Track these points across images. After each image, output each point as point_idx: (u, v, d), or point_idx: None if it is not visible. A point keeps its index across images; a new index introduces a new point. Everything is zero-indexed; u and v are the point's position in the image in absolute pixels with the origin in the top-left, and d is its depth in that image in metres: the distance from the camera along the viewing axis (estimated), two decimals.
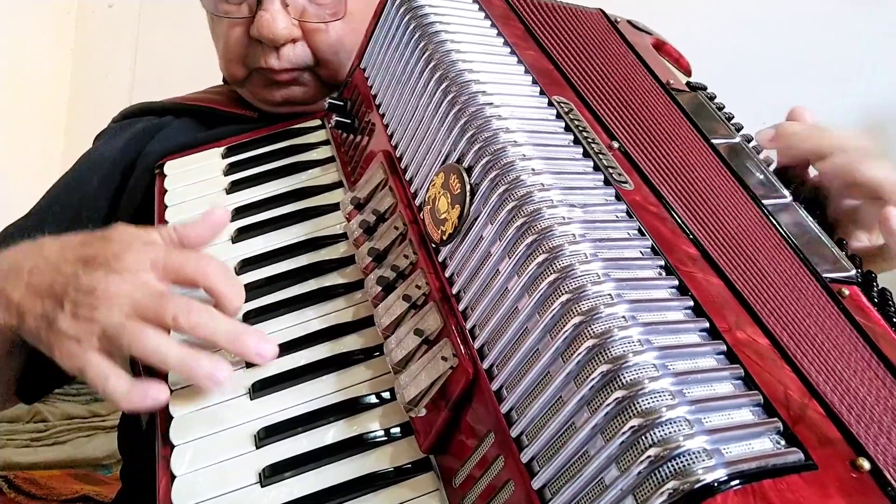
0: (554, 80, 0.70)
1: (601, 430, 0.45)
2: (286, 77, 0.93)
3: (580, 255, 0.52)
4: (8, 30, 2.37)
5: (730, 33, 1.56)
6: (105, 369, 0.64)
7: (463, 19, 0.74)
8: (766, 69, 1.51)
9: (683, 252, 0.56)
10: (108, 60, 2.53)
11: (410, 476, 0.60)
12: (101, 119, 1.10)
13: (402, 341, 0.62)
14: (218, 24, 0.95)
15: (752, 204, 0.66)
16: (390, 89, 0.76)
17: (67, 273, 0.67)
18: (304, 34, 0.91)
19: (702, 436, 0.42)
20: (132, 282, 0.66)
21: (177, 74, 2.04)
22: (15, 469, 1.47)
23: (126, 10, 2.53)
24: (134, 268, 0.66)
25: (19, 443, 1.53)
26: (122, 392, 0.64)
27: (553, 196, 0.56)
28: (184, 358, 0.65)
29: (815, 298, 0.59)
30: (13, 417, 1.58)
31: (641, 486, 0.42)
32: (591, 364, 0.47)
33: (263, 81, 0.95)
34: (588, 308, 0.48)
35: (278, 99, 0.96)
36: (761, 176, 0.72)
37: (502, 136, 0.60)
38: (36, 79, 2.50)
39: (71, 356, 0.65)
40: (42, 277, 0.68)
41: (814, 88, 1.48)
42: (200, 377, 0.65)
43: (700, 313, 0.51)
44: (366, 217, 0.71)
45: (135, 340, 0.64)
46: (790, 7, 1.53)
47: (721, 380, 0.47)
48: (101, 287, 0.65)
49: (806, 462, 0.43)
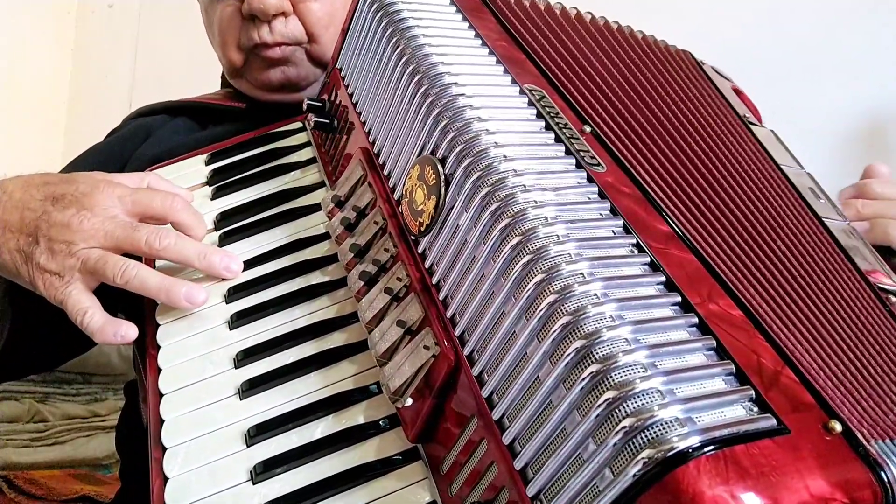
0: (526, 70, 0.70)
1: (577, 405, 0.46)
2: (279, 53, 0.96)
3: (553, 236, 0.52)
4: (8, 30, 2.39)
5: (730, 34, 1.57)
6: (84, 303, 0.69)
7: (434, 14, 0.74)
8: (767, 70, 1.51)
9: (656, 230, 0.57)
10: (108, 60, 2.54)
11: (399, 466, 0.60)
12: (101, 119, 1.11)
13: (385, 333, 0.63)
14: (212, 11, 0.99)
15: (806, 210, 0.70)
16: (366, 87, 0.76)
17: (37, 210, 0.71)
18: (295, 8, 0.94)
19: (675, 405, 0.43)
20: (103, 216, 0.70)
21: (177, 74, 2.05)
22: (15, 469, 1.48)
23: (126, 10, 2.55)
24: (104, 203, 0.71)
25: (19, 443, 1.54)
26: (97, 325, 0.69)
27: (526, 181, 0.56)
28: (162, 282, 0.71)
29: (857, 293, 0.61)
30: (13, 417, 1.58)
31: (617, 457, 0.43)
32: (565, 341, 0.47)
33: (259, 63, 0.97)
34: (561, 287, 0.49)
35: (275, 81, 0.98)
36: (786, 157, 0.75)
37: (475, 126, 0.61)
38: (36, 79, 2.52)
39: (53, 289, 0.69)
40: (10, 214, 0.72)
41: (816, 89, 1.49)
42: (179, 298, 0.71)
43: (672, 288, 0.51)
44: (346, 214, 0.72)
45: (117, 271, 0.69)
46: (791, 8, 1.54)
47: (693, 351, 0.47)
48: (75, 222, 0.69)
49: (778, 427, 0.44)
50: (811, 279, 0.61)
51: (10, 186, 0.74)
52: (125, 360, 1.78)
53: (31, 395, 1.67)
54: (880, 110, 1.46)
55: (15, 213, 0.72)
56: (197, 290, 0.72)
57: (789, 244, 0.64)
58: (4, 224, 0.72)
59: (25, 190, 0.73)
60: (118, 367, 1.80)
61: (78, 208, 0.70)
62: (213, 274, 0.75)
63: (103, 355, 1.76)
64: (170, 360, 0.71)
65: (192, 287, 0.72)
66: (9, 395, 1.62)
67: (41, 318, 0.79)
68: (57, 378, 1.74)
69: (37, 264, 0.70)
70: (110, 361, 1.78)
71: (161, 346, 0.72)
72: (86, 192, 0.71)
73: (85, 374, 1.78)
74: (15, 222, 0.72)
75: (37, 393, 1.69)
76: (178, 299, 0.71)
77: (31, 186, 0.74)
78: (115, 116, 1.12)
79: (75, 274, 0.69)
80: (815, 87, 1.49)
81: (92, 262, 0.69)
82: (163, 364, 0.71)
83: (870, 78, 1.47)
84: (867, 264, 0.68)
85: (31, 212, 0.71)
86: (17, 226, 0.71)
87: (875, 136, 1.47)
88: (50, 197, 0.72)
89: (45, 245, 0.70)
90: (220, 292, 0.75)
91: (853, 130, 1.48)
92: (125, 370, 1.77)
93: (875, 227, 0.76)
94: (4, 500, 1.36)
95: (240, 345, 0.71)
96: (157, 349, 0.72)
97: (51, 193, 0.72)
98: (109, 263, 0.69)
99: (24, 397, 1.65)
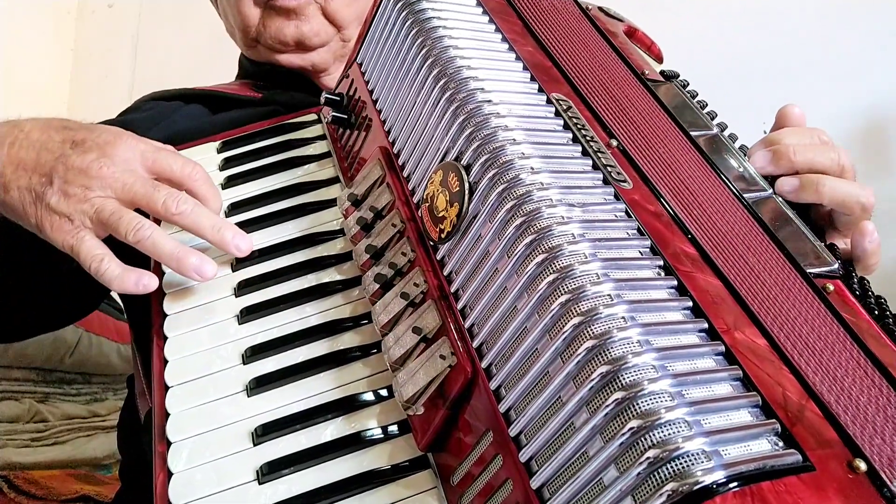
0: (552, 77, 0.70)
1: (600, 430, 0.45)
2: (294, 3, 0.97)
3: (579, 254, 0.52)
4: (8, 30, 2.37)
5: (730, 33, 1.56)
6: (99, 249, 0.67)
7: (460, 14, 0.73)
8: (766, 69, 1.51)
9: (682, 252, 0.56)
10: (108, 60, 2.53)
11: (408, 474, 0.60)
12: (101, 119, 1.09)
13: (399, 339, 0.62)
14: None
15: (735, 199, 0.66)
16: (387, 85, 0.75)
17: (55, 151, 0.69)
18: None
19: (700, 437, 0.43)
20: (123, 167, 0.68)
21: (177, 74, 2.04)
22: (15, 469, 1.46)
23: (126, 10, 2.54)
24: (125, 155, 0.69)
25: (19, 443, 1.53)
26: (115, 273, 0.67)
27: (552, 195, 0.56)
28: (176, 249, 0.68)
29: (803, 296, 0.59)
30: (13, 417, 1.57)
31: (640, 487, 0.43)
32: (590, 365, 0.47)
33: (274, 17, 0.99)
34: (587, 308, 0.48)
35: (289, 37, 0.99)
36: (741, 169, 0.72)
37: (501, 134, 0.60)
38: (36, 79, 2.50)
39: (63, 232, 0.67)
40: (26, 153, 0.69)
41: (814, 88, 1.49)
42: (189, 269, 0.69)
43: (699, 314, 0.51)
44: (363, 214, 0.71)
45: (131, 227, 0.67)
46: (790, 7, 1.53)
47: (720, 381, 0.47)
48: (94, 168, 0.67)
49: (804, 463, 0.43)
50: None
51: (28, 126, 0.72)
52: (125, 360, 1.77)
53: (31, 395, 1.66)
54: (879, 110, 1.47)
55: (31, 152, 0.69)
56: (208, 263, 0.70)
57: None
58: (18, 162, 0.69)
59: (44, 131, 0.71)
60: (118, 367, 1.78)
61: (99, 154, 0.68)
62: (224, 249, 0.73)
63: (103, 355, 1.75)
64: (177, 352, 0.70)
65: (204, 259, 0.70)
66: (9, 395, 1.61)
67: (24, 281, 0.77)
68: (57, 378, 1.73)
69: (47, 205, 0.67)
70: (110, 361, 1.76)
71: (168, 337, 0.71)
72: (108, 141, 0.69)
73: (85, 374, 1.77)
74: (30, 161, 0.69)
75: (37, 393, 1.67)
76: (188, 269, 0.69)
77: (51, 128, 0.71)
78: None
79: (86, 220, 0.67)
80: (814, 87, 1.49)
81: (107, 213, 0.67)
82: (169, 356, 0.70)
83: (869, 77, 1.47)
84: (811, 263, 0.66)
85: (49, 153, 0.69)
86: (31, 165, 0.69)
87: (873, 135, 1.47)
88: (70, 140, 0.70)
89: (60, 186, 0.67)
90: (229, 286, 0.74)
91: (852, 130, 1.48)
92: (125, 370, 1.76)
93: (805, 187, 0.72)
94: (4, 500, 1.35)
95: (249, 340, 0.70)
96: (164, 340, 0.71)
97: (71, 137, 0.70)
98: (125, 218, 0.67)
99: (24, 397, 1.63)
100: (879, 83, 1.47)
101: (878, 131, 1.47)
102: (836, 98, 1.48)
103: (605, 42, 0.79)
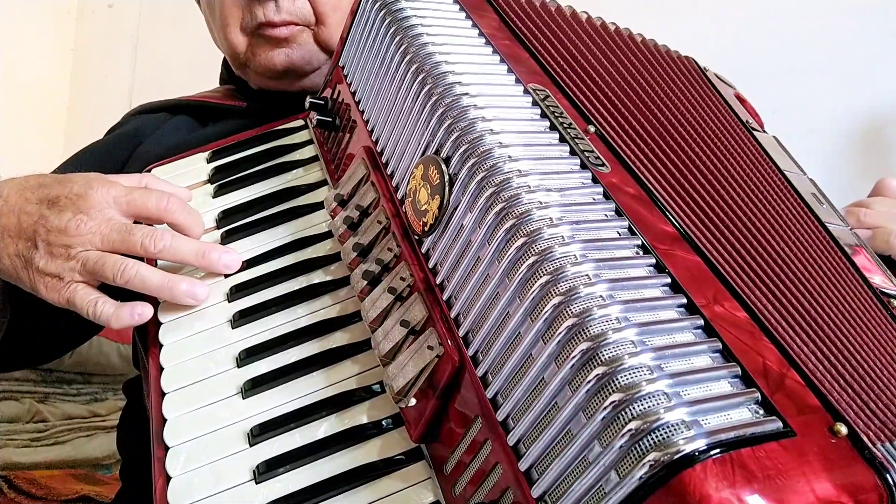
0: (529, 68, 0.70)
1: (583, 407, 0.46)
2: (285, 33, 0.95)
3: (558, 237, 0.52)
4: (8, 30, 2.39)
5: (731, 34, 1.57)
6: (91, 295, 0.70)
7: (437, 12, 0.74)
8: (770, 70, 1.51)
9: (661, 231, 0.57)
10: (108, 60, 2.55)
11: (402, 466, 0.60)
12: (101, 119, 1.11)
13: (388, 333, 0.63)
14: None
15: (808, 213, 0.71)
16: (369, 85, 0.76)
17: (34, 214, 0.72)
18: None
19: (681, 408, 0.43)
20: (98, 218, 0.71)
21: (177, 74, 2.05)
22: (15, 469, 1.48)
23: (126, 10, 2.55)
24: (99, 205, 0.71)
25: (19, 443, 1.54)
26: (110, 313, 0.70)
27: (530, 181, 0.56)
28: (163, 280, 0.71)
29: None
30: (13, 417, 1.59)
31: (623, 459, 0.43)
32: (571, 343, 0.47)
33: (264, 45, 0.96)
34: (567, 288, 0.49)
35: (279, 65, 0.97)
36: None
37: (479, 125, 0.61)
38: (36, 79, 2.52)
39: (56, 291, 0.70)
40: (7, 219, 0.72)
41: (816, 89, 1.49)
42: (181, 296, 0.72)
43: (677, 290, 0.51)
44: (349, 213, 0.72)
45: (116, 270, 0.69)
46: (791, 8, 1.54)
47: (699, 353, 0.47)
48: (72, 227, 0.70)
49: (784, 430, 0.44)
50: (814, 282, 0.61)
51: (6, 190, 0.74)
52: (125, 360, 1.77)
53: (31, 395, 1.67)
54: (880, 110, 1.47)
55: (12, 218, 0.72)
56: (199, 286, 0.73)
57: (792, 246, 0.64)
58: (3, 229, 0.72)
59: (21, 193, 0.73)
60: (118, 367, 1.79)
61: (74, 212, 0.71)
62: (213, 270, 0.75)
63: (103, 355, 1.76)
64: (172, 358, 0.71)
65: (193, 283, 0.72)
66: (9, 395, 1.62)
67: (40, 313, 0.79)
68: (57, 378, 1.74)
69: (37, 268, 0.70)
70: (110, 361, 1.77)
71: (163, 345, 0.72)
72: (80, 194, 0.72)
73: (85, 374, 1.78)
74: (13, 227, 0.72)
75: (37, 393, 1.68)
76: (181, 296, 0.72)
77: (27, 189, 0.74)
78: (115, 117, 1.12)
79: (76, 275, 0.70)
80: (815, 87, 1.49)
81: (91, 262, 0.70)
82: (165, 363, 0.71)
83: (870, 78, 1.47)
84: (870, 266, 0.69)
85: (28, 216, 0.72)
86: (15, 231, 0.72)
87: (875, 135, 1.47)
88: (45, 200, 0.72)
89: (45, 249, 0.70)
90: (222, 291, 0.75)
91: (854, 130, 1.48)
92: (125, 370, 1.77)
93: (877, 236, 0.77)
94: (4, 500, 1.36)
95: (242, 344, 0.70)
96: (160, 347, 0.72)
97: (46, 196, 0.72)
98: (108, 263, 0.70)
99: (24, 397, 1.65)
100: (881, 84, 1.47)
101: (879, 132, 1.47)
102: (838, 99, 1.48)
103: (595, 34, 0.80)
